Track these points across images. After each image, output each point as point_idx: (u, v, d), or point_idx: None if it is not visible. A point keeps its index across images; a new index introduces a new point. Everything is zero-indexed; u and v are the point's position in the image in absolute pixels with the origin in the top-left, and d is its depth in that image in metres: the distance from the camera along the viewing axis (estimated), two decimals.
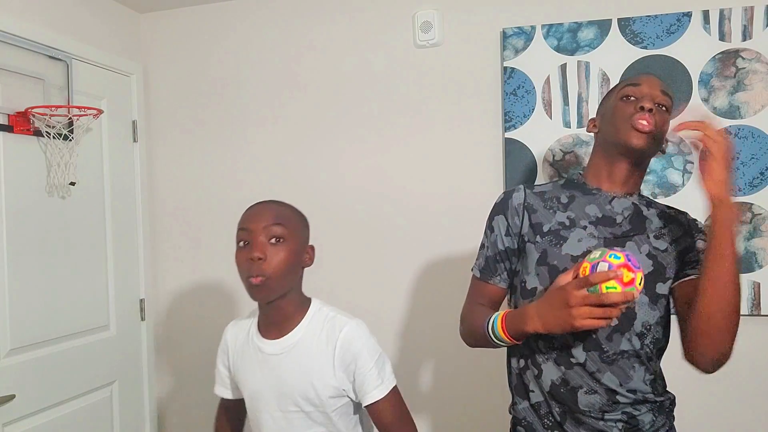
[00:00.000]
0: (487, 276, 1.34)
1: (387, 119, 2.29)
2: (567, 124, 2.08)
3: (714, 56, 1.95)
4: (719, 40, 1.95)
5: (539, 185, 1.35)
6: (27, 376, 1.93)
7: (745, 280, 1.94)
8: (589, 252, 1.13)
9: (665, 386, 1.31)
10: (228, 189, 2.48)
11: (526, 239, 1.28)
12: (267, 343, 1.32)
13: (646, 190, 2.01)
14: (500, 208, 1.32)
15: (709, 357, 1.17)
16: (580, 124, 2.07)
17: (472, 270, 1.38)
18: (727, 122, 1.95)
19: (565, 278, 1.12)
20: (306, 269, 1.34)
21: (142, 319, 2.48)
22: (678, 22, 1.98)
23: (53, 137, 1.96)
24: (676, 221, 1.29)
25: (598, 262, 1.04)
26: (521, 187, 1.33)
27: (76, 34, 2.20)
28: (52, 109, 1.96)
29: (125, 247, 2.40)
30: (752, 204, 1.94)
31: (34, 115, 1.92)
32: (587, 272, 1.05)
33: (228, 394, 1.46)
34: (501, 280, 1.33)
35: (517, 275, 1.31)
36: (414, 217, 2.26)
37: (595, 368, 1.20)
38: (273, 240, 1.23)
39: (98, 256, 2.26)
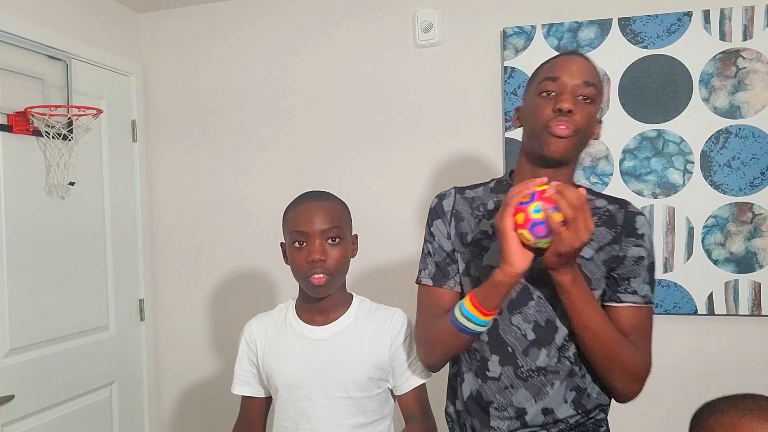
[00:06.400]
0: (441, 281, 1.24)
1: (387, 119, 2.29)
2: None
3: (714, 56, 1.95)
4: (720, 39, 1.95)
5: (471, 188, 1.29)
6: (26, 376, 1.92)
7: (745, 280, 1.94)
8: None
9: (601, 404, 1.20)
10: (228, 188, 2.47)
11: (455, 247, 1.24)
12: (313, 329, 1.31)
13: (646, 189, 2.01)
14: (435, 213, 1.27)
15: (611, 389, 1.18)
16: None
17: (418, 282, 1.28)
18: (727, 122, 1.95)
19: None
20: None
21: (142, 319, 2.48)
22: (678, 22, 1.97)
23: (52, 137, 1.96)
24: (608, 222, 1.19)
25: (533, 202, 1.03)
26: (452, 191, 1.28)
27: (76, 34, 2.20)
28: (52, 108, 1.95)
29: (125, 246, 2.40)
30: (752, 204, 1.94)
31: (33, 115, 1.92)
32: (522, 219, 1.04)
33: (249, 392, 1.39)
34: (455, 283, 1.24)
35: None
36: (413, 214, 2.26)
37: (509, 383, 1.16)
38: (330, 240, 1.26)
39: (98, 256, 2.26)
